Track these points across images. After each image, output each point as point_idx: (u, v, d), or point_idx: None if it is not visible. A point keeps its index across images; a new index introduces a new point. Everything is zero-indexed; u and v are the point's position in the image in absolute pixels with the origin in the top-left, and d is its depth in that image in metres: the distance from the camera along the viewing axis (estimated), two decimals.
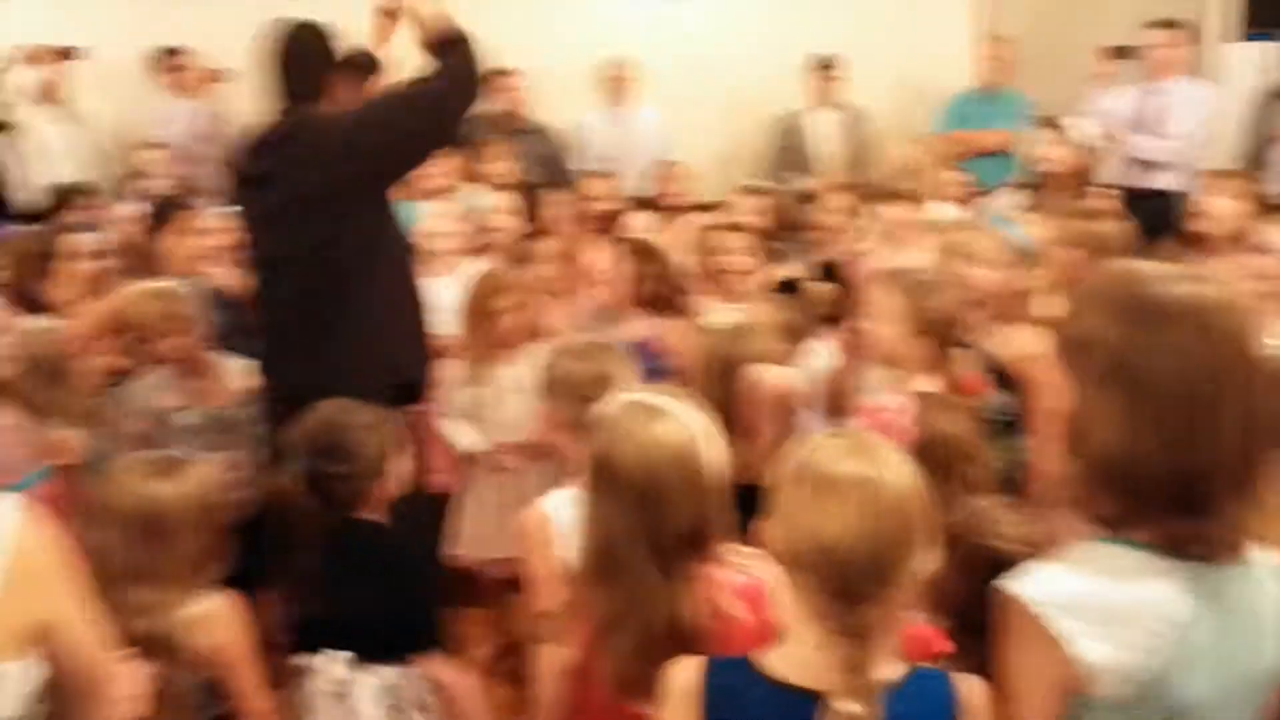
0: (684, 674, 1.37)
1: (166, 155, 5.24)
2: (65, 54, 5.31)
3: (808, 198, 5.11)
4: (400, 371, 2.67)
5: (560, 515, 2.03)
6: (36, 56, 5.24)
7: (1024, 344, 2.73)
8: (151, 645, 1.80)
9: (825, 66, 5.92)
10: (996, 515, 1.70)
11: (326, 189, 2.60)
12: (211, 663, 1.92)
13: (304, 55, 2.75)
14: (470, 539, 3.25)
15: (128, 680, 1.42)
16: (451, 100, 2.67)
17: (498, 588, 3.36)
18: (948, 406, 2.10)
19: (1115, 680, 1.22)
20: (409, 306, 2.81)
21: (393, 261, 2.77)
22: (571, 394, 2.13)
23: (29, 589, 1.18)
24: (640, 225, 4.42)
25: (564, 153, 6.14)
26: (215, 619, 1.92)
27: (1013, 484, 2.32)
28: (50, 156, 5.29)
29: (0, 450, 2.49)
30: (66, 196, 4.74)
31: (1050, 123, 4.59)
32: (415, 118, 2.63)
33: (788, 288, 3.03)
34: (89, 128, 5.57)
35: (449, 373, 3.31)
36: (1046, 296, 2.83)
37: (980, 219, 3.31)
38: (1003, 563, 1.59)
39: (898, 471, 1.28)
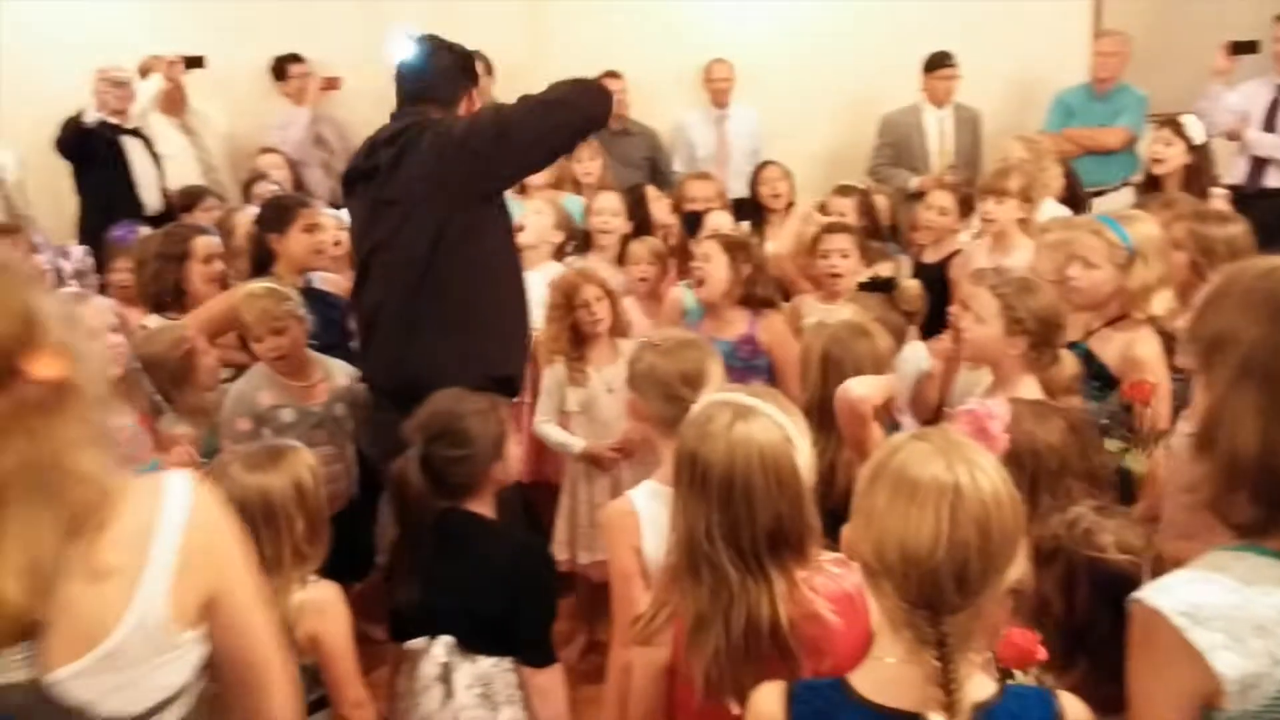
0: (767, 701, 1.34)
1: (283, 160, 5.43)
2: (188, 63, 5.52)
3: (914, 197, 5.05)
4: (495, 367, 2.70)
5: (645, 509, 2.05)
6: (159, 65, 5.45)
7: (1130, 346, 2.66)
8: None
9: (938, 64, 5.81)
10: (1099, 523, 1.65)
11: (439, 183, 2.63)
12: (310, 650, 1.97)
13: (441, 67, 2.82)
14: (565, 540, 3.31)
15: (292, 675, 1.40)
16: (574, 116, 2.72)
17: (591, 588, 3.41)
18: (1042, 414, 2.04)
19: (1254, 693, 1.18)
20: (509, 305, 2.84)
21: (499, 263, 2.80)
22: (658, 389, 2.15)
23: (201, 563, 1.21)
24: (740, 225, 4.41)
25: (664, 154, 6.18)
26: (316, 607, 1.98)
27: (1117, 490, 2.25)
28: (171, 161, 5.52)
29: (122, 445, 2.60)
30: (190, 199, 4.97)
31: (1166, 120, 4.43)
32: (534, 126, 2.66)
33: (879, 286, 2.98)
34: (208, 133, 5.80)
35: (544, 372, 3.36)
36: (1155, 298, 2.73)
37: (1089, 218, 3.21)
38: (1107, 573, 1.55)
39: (987, 475, 1.23)
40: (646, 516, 2.04)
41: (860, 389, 2.17)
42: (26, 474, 1.09)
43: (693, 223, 4.30)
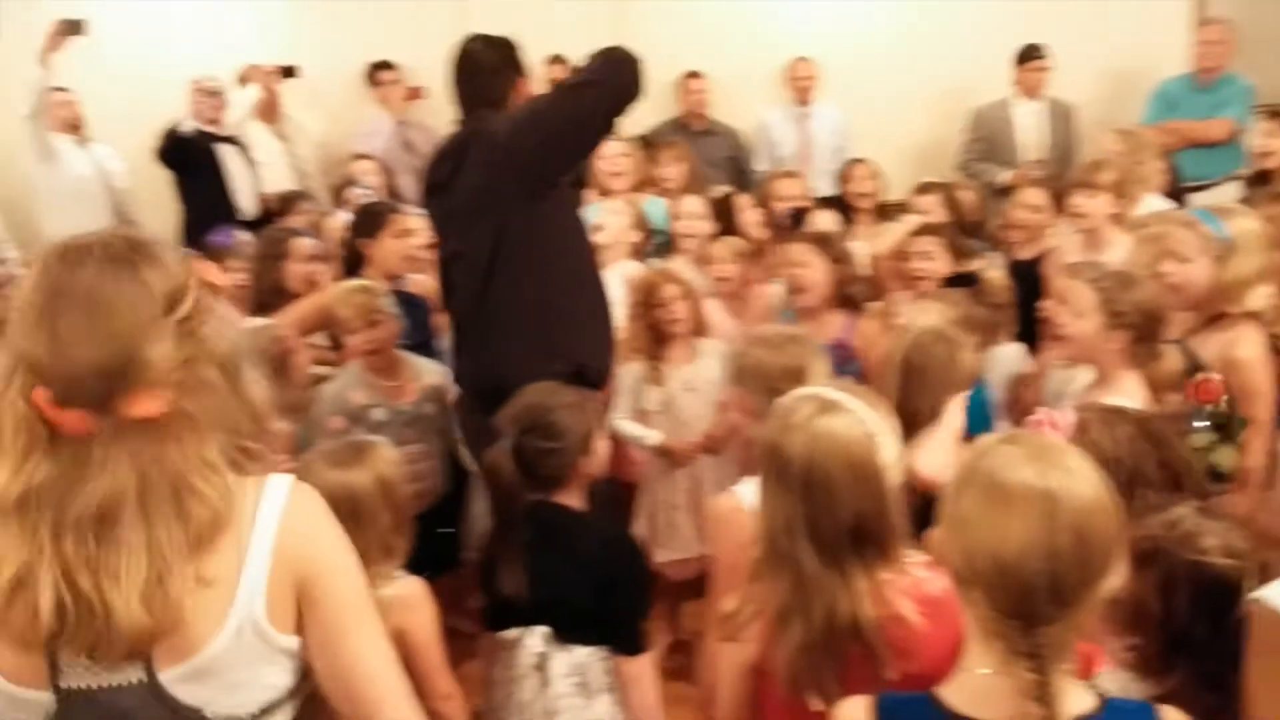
0: (852, 713, 1.31)
1: (377, 166, 5.55)
2: (283, 72, 5.67)
3: (1004, 192, 4.94)
4: (573, 358, 2.70)
5: (752, 502, 2.04)
6: (257, 75, 5.61)
7: (1230, 346, 2.56)
8: None
9: (1029, 56, 5.68)
10: (1201, 525, 1.59)
11: (492, 189, 2.68)
12: (397, 644, 2.00)
13: (484, 66, 2.83)
14: (644, 539, 3.31)
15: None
16: (602, 94, 2.69)
17: (673, 586, 3.41)
18: (1110, 421, 1.94)
19: None
20: (587, 299, 2.85)
21: (568, 256, 2.82)
22: (762, 383, 2.14)
23: (294, 566, 1.22)
24: (827, 224, 4.36)
25: (745, 153, 6.14)
26: (403, 601, 2.00)
27: (1216, 488, 2.18)
28: (266, 168, 5.68)
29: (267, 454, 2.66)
30: (286, 204, 5.11)
31: (1273, 111, 4.26)
32: (565, 114, 2.68)
33: (963, 280, 2.92)
34: (301, 140, 5.94)
35: (622, 371, 3.37)
36: (1252, 292, 2.63)
37: (1182, 212, 3.10)
38: (1208, 577, 1.49)
39: (1084, 481, 1.19)
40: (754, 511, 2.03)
41: (929, 468, 2.06)
42: (143, 494, 1.13)
43: (795, 220, 4.28)
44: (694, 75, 6.01)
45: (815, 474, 1.53)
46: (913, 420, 2.22)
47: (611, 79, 2.71)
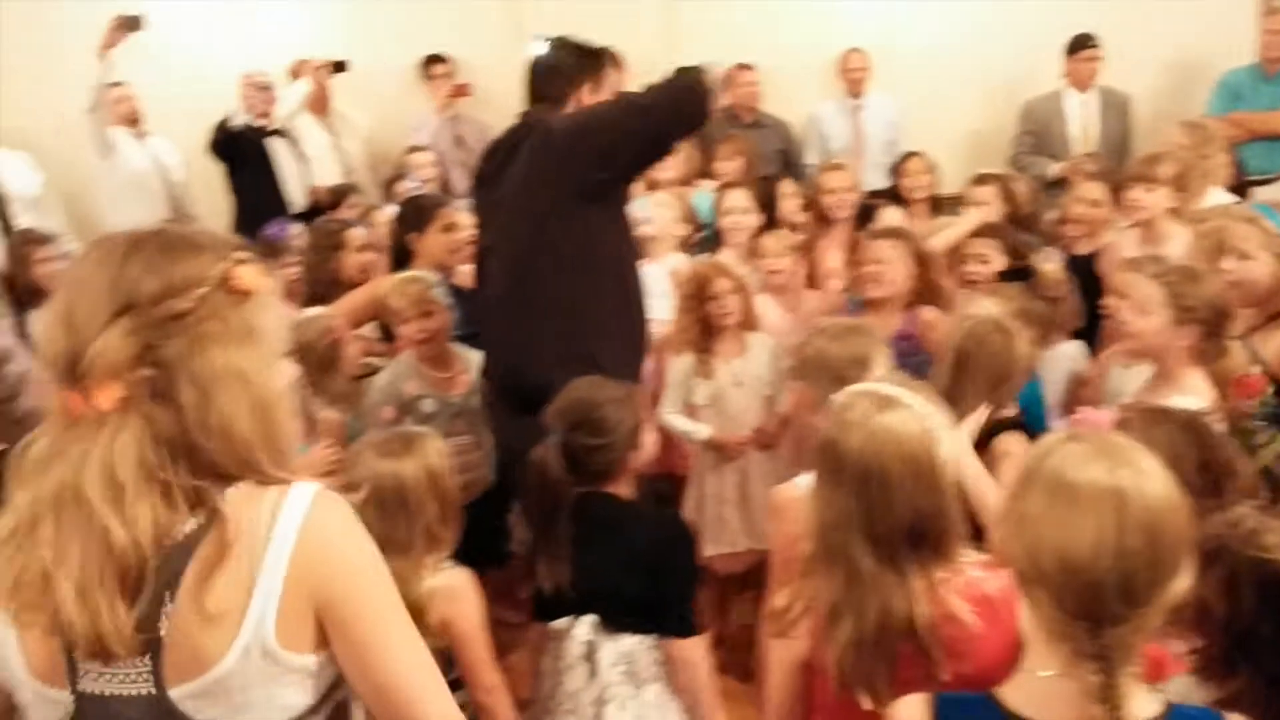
0: (909, 713, 1.29)
1: (432, 159, 5.59)
2: (333, 67, 5.73)
3: (1053, 185, 4.85)
4: (593, 368, 2.65)
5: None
6: (308, 70, 5.67)
7: None
8: None
9: (1079, 46, 5.57)
10: (1264, 523, 1.54)
11: (538, 186, 2.66)
12: (442, 634, 2.00)
13: (550, 65, 2.83)
14: (694, 532, 3.30)
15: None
16: (666, 116, 2.66)
17: (721, 580, 3.39)
18: (1152, 420, 1.88)
19: None
20: (616, 308, 2.79)
21: (605, 262, 2.77)
22: (828, 373, 2.13)
23: (314, 585, 1.18)
24: (893, 219, 4.32)
25: (796, 146, 6.10)
26: (449, 592, 2.01)
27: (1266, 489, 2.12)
28: (315, 162, 5.75)
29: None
30: (336, 196, 5.16)
31: None
32: (623, 128, 2.64)
33: (1018, 274, 2.86)
34: (349, 135, 5.99)
35: (672, 364, 3.35)
36: None
37: (1243, 207, 3.02)
38: (1272, 574, 1.45)
39: (1154, 480, 1.16)
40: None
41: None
42: (76, 494, 1.11)
43: (864, 216, 4.25)
44: (744, 68, 5.97)
45: (872, 471, 1.51)
46: (963, 410, 2.19)
47: (678, 103, 2.68)
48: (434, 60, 6.16)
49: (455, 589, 2.03)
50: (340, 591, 1.20)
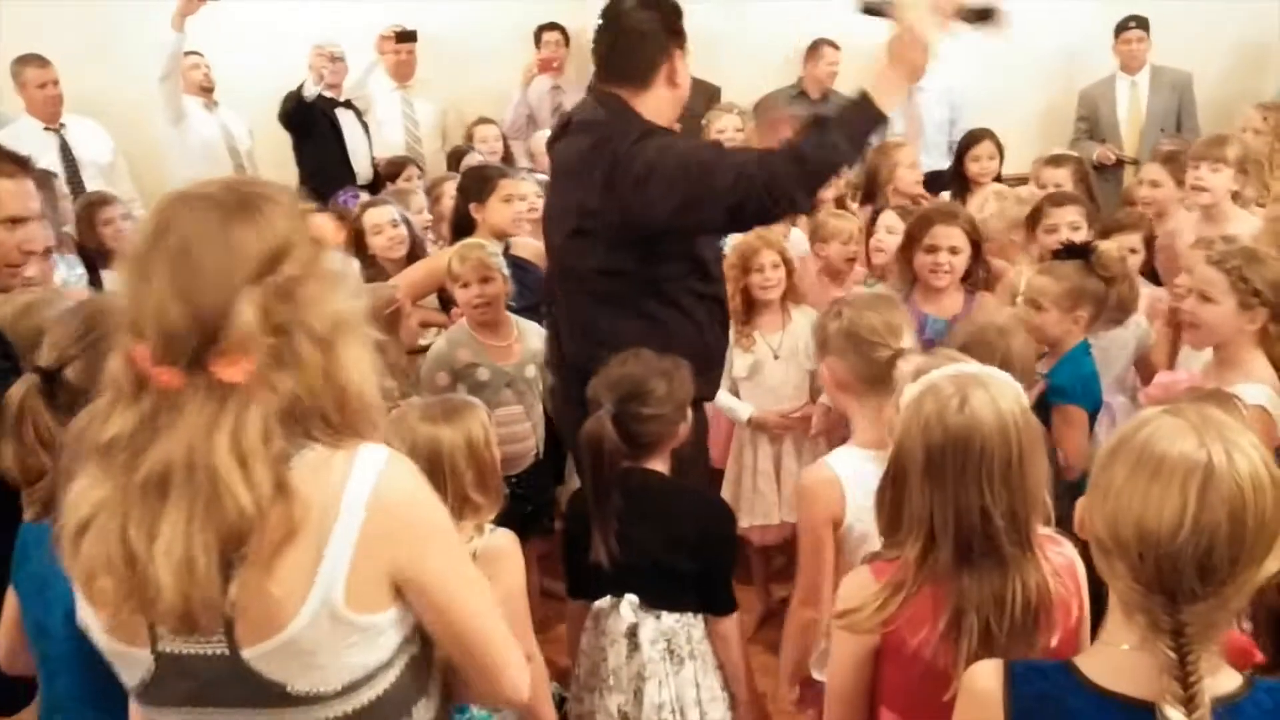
0: (985, 678, 1.26)
1: (494, 131, 5.61)
2: (399, 37, 5.77)
3: (1098, 169, 4.74)
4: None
5: (848, 475, 2.02)
6: (384, 40, 5.71)
7: None
8: None
9: (1124, 27, 5.43)
10: None
11: (598, 217, 2.45)
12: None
13: (631, 30, 2.47)
14: (733, 506, 3.30)
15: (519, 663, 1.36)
16: (754, 193, 2.28)
17: (759, 554, 3.42)
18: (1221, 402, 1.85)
19: None
20: (684, 330, 2.54)
21: (670, 285, 2.52)
22: (857, 342, 2.11)
23: (385, 547, 1.19)
24: (943, 199, 4.26)
25: None
26: (490, 555, 2.01)
27: None
28: (385, 127, 5.80)
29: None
30: (395, 168, 5.22)
31: None
32: (699, 192, 2.31)
33: (1076, 252, 2.80)
34: (421, 103, 6.02)
35: None
36: None
37: None
38: None
39: (1246, 456, 1.12)
40: (852, 482, 2.01)
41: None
42: (189, 470, 1.12)
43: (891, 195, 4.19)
44: (830, 45, 5.89)
45: (1011, 453, 1.47)
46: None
47: (777, 181, 2.28)
48: (546, 28, 6.15)
49: (497, 551, 2.03)
50: (415, 557, 1.23)
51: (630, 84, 2.49)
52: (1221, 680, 1.16)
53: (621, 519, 2.14)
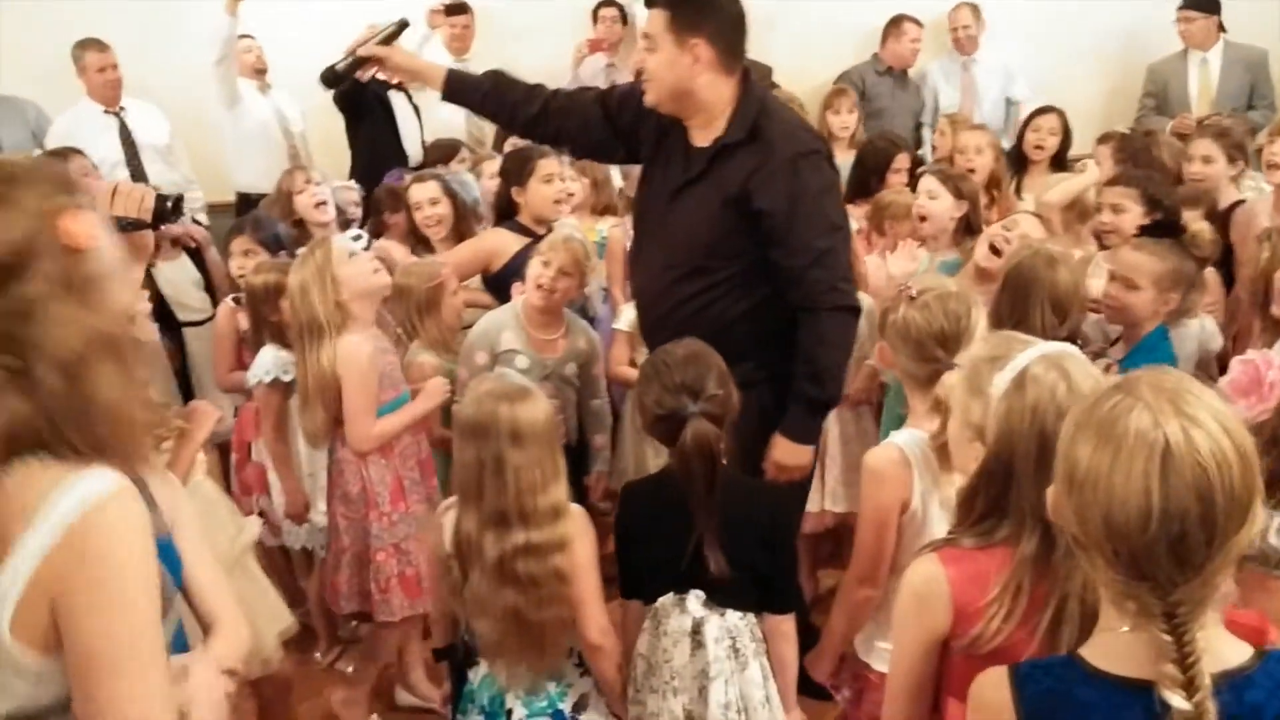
0: (993, 689, 1.21)
1: None
2: (449, 10, 5.76)
3: (1180, 145, 4.60)
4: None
5: (916, 455, 1.98)
6: (434, 14, 5.72)
7: None
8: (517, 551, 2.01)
9: (1188, 4, 5.26)
10: None
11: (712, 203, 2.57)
12: (558, 570, 2.05)
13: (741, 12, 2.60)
14: None
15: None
16: (834, 316, 2.55)
17: (806, 542, 3.35)
18: None
19: None
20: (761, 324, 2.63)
21: (764, 309, 2.62)
22: (911, 346, 2.08)
23: (55, 590, 1.08)
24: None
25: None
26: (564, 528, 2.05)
27: None
28: (442, 107, 5.79)
29: (384, 367, 2.76)
30: (446, 152, 5.21)
31: None
32: (809, 261, 2.51)
33: (1167, 230, 2.69)
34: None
35: None
36: None
37: None
38: None
39: (1201, 428, 1.05)
40: (920, 464, 1.97)
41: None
42: None
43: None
44: (913, 21, 5.82)
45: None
46: None
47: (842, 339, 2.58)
48: (604, 4, 6.14)
49: (567, 525, 2.07)
50: (72, 611, 1.09)
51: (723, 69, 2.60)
52: (1227, 653, 1.12)
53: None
